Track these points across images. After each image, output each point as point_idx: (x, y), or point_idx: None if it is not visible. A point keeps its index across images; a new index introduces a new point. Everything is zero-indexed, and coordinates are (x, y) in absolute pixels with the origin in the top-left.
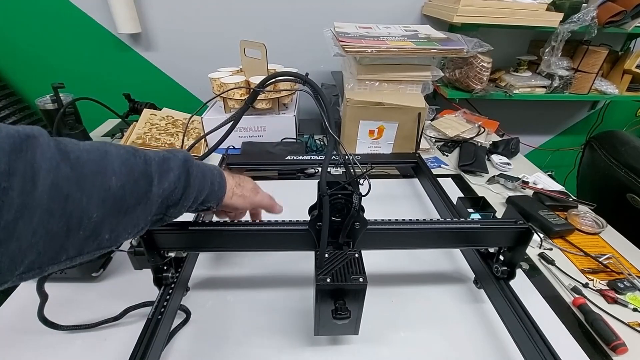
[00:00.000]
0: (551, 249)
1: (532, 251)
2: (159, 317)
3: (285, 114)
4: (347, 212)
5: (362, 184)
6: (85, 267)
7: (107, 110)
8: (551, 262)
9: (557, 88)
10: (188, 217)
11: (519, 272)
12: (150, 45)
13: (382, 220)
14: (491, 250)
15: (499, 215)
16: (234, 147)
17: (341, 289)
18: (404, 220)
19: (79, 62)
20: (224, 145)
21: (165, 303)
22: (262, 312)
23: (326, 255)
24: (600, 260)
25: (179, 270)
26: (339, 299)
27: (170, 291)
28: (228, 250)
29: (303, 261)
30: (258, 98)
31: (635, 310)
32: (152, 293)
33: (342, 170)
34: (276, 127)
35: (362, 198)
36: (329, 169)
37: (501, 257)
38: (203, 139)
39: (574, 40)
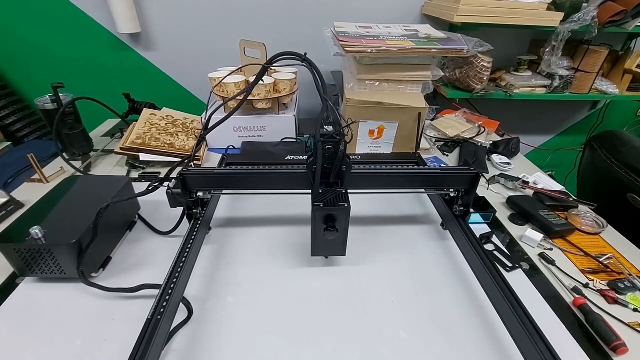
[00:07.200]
0: (551, 249)
1: (532, 251)
2: (159, 317)
3: (285, 114)
4: (335, 157)
5: (347, 134)
6: (85, 267)
7: (107, 110)
8: (551, 262)
9: (557, 88)
10: (213, 162)
11: (519, 271)
12: (150, 45)
13: (364, 167)
14: (452, 195)
15: (499, 215)
16: (234, 147)
17: (331, 211)
18: (381, 167)
19: (78, 61)
20: (223, 145)
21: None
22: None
23: (320, 191)
24: (600, 260)
25: (204, 208)
26: (329, 221)
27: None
28: (243, 189)
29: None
30: (257, 98)
31: (635, 310)
32: (149, 292)
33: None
34: (276, 127)
35: (363, 198)
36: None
37: (460, 201)
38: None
39: (574, 40)
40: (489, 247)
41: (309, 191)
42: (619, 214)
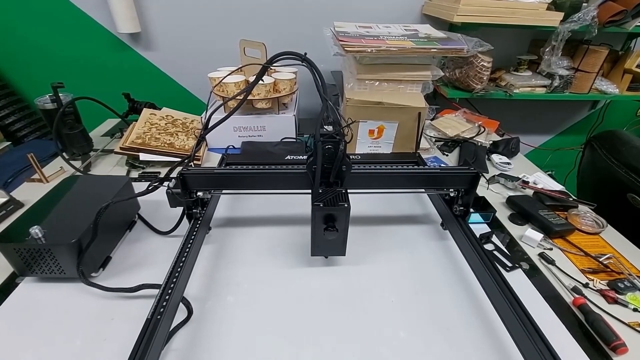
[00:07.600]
0: (551, 249)
1: (532, 251)
2: (159, 317)
3: (285, 114)
4: (335, 157)
5: (347, 134)
6: (85, 267)
7: (107, 110)
8: (551, 262)
9: (557, 88)
10: (213, 162)
11: (519, 271)
12: (150, 45)
13: (364, 167)
14: (452, 195)
15: (499, 215)
16: (234, 147)
17: (331, 211)
18: (381, 167)
19: (78, 61)
20: (223, 145)
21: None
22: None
23: (320, 191)
24: (600, 260)
25: (204, 208)
26: (329, 221)
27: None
28: (243, 189)
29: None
30: (257, 98)
31: (635, 310)
32: (149, 292)
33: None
34: (276, 127)
35: (363, 198)
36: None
37: (460, 201)
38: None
39: (574, 40)
40: (489, 247)
41: (309, 191)
42: (619, 214)
